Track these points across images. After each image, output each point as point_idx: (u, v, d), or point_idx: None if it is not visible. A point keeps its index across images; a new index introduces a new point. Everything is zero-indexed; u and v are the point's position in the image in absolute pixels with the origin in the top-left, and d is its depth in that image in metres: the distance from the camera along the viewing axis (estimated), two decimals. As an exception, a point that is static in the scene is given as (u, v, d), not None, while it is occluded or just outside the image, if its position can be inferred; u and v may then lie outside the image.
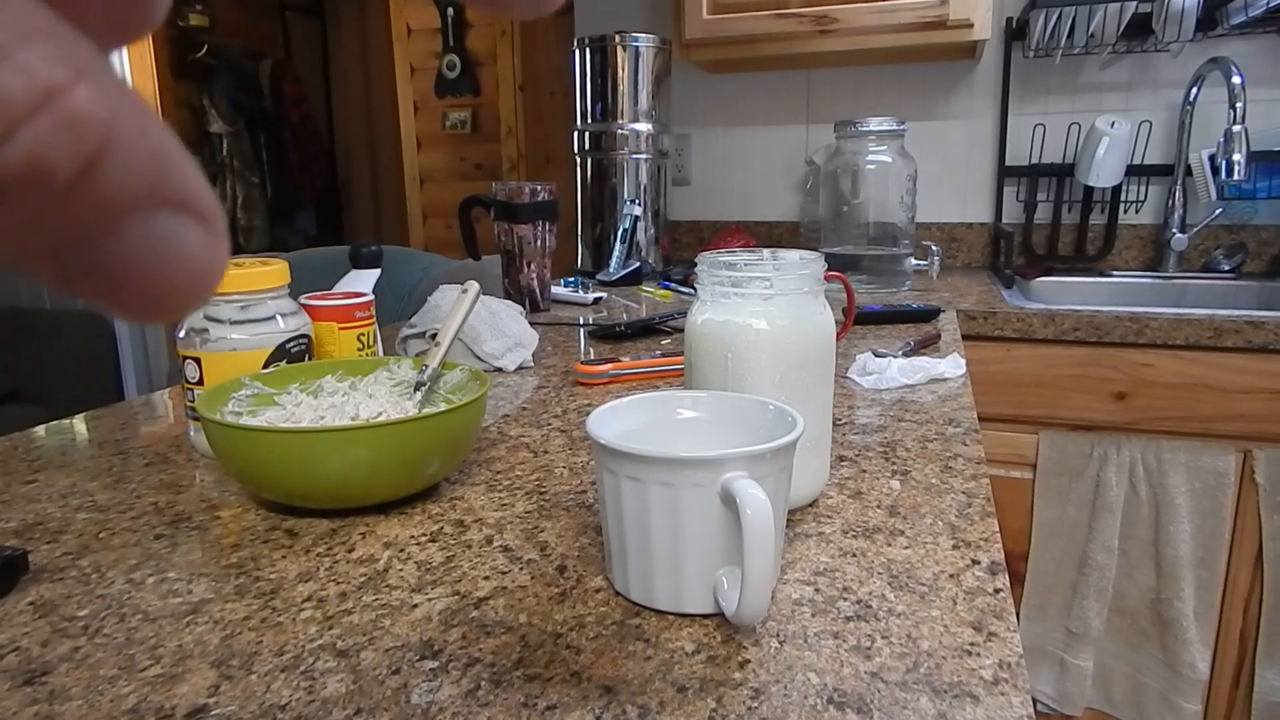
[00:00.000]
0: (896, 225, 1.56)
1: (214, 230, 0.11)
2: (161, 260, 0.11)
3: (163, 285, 0.11)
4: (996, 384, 1.35)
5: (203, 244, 0.11)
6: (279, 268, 0.66)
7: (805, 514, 0.52)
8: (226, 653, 0.38)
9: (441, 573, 0.46)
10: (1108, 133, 1.68)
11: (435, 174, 3.57)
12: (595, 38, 1.72)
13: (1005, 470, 1.34)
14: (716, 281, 0.51)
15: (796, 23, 1.61)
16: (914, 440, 0.67)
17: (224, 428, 0.51)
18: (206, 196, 0.11)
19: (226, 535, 0.51)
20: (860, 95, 1.93)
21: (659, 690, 0.35)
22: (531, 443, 0.68)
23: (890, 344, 0.99)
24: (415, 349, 0.92)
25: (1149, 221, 1.78)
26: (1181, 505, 1.24)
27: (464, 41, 3.38)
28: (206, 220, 0.11)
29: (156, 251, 0.11)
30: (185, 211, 0.11)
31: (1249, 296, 1.61)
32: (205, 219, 0.11)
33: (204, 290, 0.11)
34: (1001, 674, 0.35)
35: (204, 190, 0.11)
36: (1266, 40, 1.64)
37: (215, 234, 0.11)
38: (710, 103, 2.06)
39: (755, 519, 0.35)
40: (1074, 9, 1.57)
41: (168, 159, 0.11)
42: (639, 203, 1.75)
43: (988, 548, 0.47)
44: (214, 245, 0.11)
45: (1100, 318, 1.28)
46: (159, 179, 0.11)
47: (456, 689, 0.35)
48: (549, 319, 1.26)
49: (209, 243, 0.11)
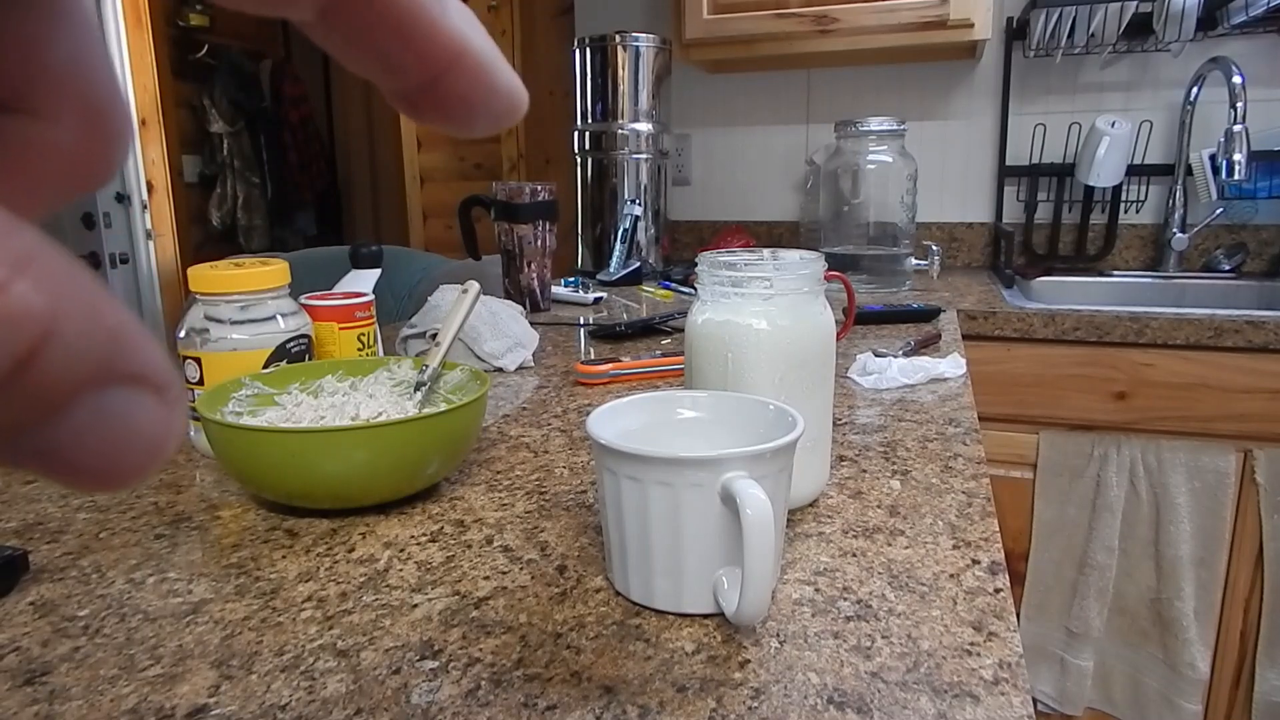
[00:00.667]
0: (897, 225, 1.56)
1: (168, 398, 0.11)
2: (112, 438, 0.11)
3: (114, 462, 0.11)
4: (997, 384, 1.35)
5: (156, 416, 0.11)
6: (279, 268, 0.66)
7: (805, 514, 0.52)
8: (227, 653, 0.38)
9: (442, 573, 0.46)
10: (1108, 132, 1.67)
11: (435, 174, 3.57)
12: (595, 38, 1.72)
13: (1005, 470, 1.34)
14: (717, 281, 0.51)
15: (797, 22, 1.61)
16: (914, 440, 0.66)
17: (224, 428, 0.51)
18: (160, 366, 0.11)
19: (227, 535, 0.51)
20: (860, 95, 1.93)
21: (659, 690, 0.35)
22: (532, 443, 0.68)
23: (890, 344, 0.99)
24: (415, 349, 0.92)
25: (1149, 221, 1.78)
26: (1182, 505, 1.24)
27: (464, 41, 3.38)
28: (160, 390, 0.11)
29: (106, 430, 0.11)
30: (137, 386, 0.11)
31: (1249, 296, 1.60)
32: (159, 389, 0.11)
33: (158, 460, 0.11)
34: (1002, 674, 0.35)
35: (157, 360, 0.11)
36: (1267, 40, 1.64)
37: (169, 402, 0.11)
38: (710, 103, 2.06)
39: (755, 519, 0.35)
40: (1074, 9, 1.57)
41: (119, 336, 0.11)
42: (639, 203, 1.75)
43: (988, 547, 0.47)
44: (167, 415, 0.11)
45: (1100, 317, 1.28)
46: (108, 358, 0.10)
47: (457, 689, 0.35)
48: (549, 319, 1.26)
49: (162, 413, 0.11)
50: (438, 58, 0.13)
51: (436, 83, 0.14)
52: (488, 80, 0.14)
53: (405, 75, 0.14)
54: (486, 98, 0.14)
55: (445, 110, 0.14)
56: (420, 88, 0.14)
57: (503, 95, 0.14)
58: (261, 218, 3.75)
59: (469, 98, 0.14)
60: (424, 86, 0.14)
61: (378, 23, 0.13)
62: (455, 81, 0.14)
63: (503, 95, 0.14)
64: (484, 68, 0.14)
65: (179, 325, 0.65)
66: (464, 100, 0.14)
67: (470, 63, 0.14)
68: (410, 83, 0.14)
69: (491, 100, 0.14)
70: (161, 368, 0.11)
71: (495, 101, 0.14)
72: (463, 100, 0.14)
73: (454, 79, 0.14)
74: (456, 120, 0.14)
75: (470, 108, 0.14)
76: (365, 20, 0.13)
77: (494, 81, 0.14)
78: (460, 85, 0.14)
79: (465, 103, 0.14)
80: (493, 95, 0.14)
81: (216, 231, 3.56)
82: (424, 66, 0.13)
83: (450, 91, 0.14)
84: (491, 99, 0.14)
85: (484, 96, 0.14)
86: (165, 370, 0.12)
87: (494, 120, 0.15)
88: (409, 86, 0.14)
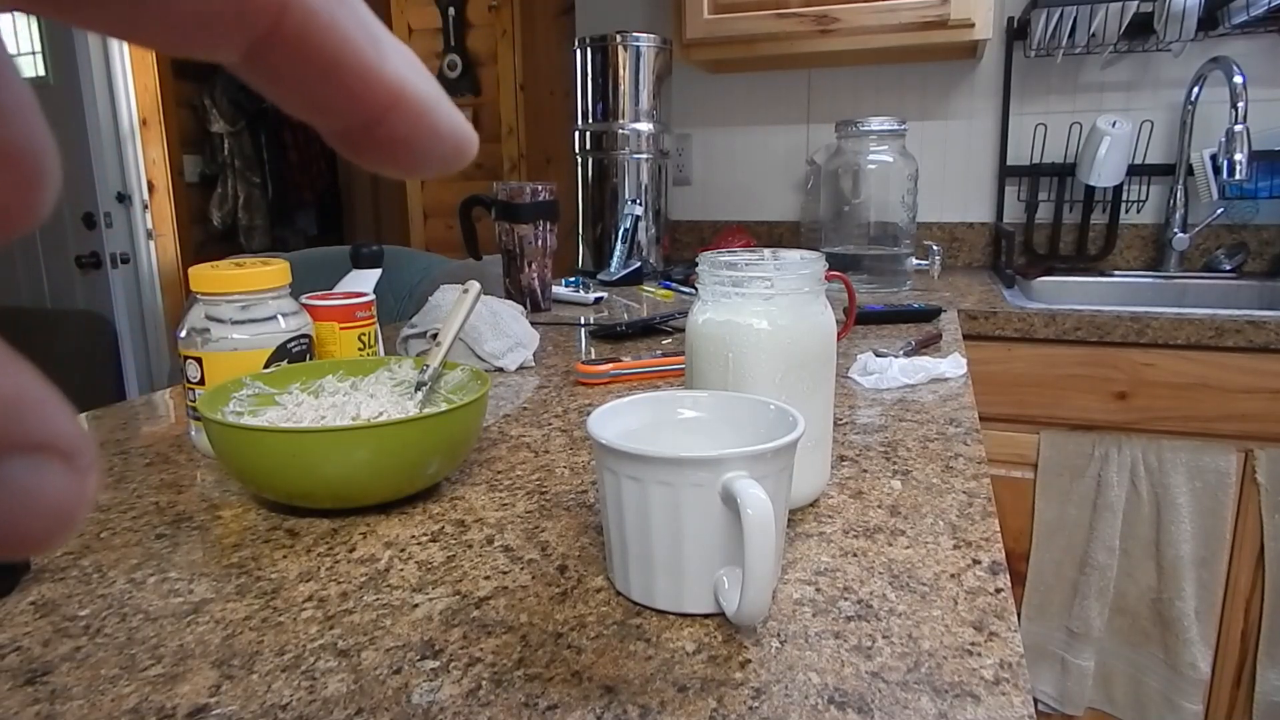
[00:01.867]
0: (897, 225, 1.56)
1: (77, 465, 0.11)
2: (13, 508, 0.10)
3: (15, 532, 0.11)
4: (997, 384, 1.35)
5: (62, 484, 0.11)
6: (280, 267, 0.66)
7: (806, 514, 0.52)
8: (227, 652, 0.38)
9: (442, 572, 0.46)
10: (1109, 132, 1.67)
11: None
12: (596, 38, 1.72)
13: (1006, 470, 1.34)
14: (717, 281, 0.51)
15: (797, 22, 1.61)
16: (915, 440, 0.66)
17: (225, 427, 0.51)
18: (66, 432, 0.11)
19: (227, 535, 0.51)
20: (861, 95, 1.93)
21: (660, 690, 0.35)
22: (532, 442, 0.68)
23: (891, 344, 0.99)
24: (416, 349, 0.92)
25: (1150, 221, 1.77)
26: (1183, 505, 1.24)
27: (465, 41, 3.38)
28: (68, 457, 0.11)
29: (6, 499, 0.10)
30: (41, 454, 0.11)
31: (1250, 296, 1.60)
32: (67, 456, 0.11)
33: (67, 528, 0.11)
34: (1002, 674, 0.35)
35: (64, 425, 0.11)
36: (1268, 40, 1.64)
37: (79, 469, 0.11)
38: (711, 102, 2.06)
39: (756, 519, 0.35)
40: (1075, 9, 1.57)
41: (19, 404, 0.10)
42: (640, 202, 1.75)
43: (989, 547, 0.47)
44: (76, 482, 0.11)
45: (1101, 317, 1.28)
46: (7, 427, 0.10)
47: (457, 689, 0.35)
48: (550, 319, 1.26)
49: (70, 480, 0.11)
50: (373, 102, 0.13)
51: (374, 126, 0.13)
52: (430, 123, 0.14)
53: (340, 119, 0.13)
54: (429, 141, 0.14)
55: (385, 154, 0.14)
56: (357, 131, 0.13)
57: (446, 138, 0.14)
58: (262, 217, 3.75)
59: (409, 141, 0.14)
60: (361, 130, 0.13)
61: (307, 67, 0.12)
62: (394, 125, 0.13)
63: (446, 138, 0.14)
64: (424, 112, 0.14)
65: (180, 325, 0.65)
66: (404, 144, 0.14)
67: (409, 107, 0.13)
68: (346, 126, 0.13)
69: (434, 144, 0.14)
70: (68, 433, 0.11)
71: (438, 145, 0.14)
72: (403, 144, 0.14)
73: (393, 123, 0.13)
74: (398, 164, 0.14)
75: (411, 151, 0.14)
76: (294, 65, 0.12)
77: (436, 125, 0.14)
78: (400, 129, 0.13)
79: (406, 146, 0.14)
80: (435, 139, 0.14)
81: (217, 231, 3.56)
82: (359, 111, 0.13)
83: (389, 135, 0.13)
84: (434, 142, 0.14)
85: (426, 140, 0.14)
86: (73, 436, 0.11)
87: (439, 163, 0.14)
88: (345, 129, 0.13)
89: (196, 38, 0.12)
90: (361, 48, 0.13)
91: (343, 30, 0.12)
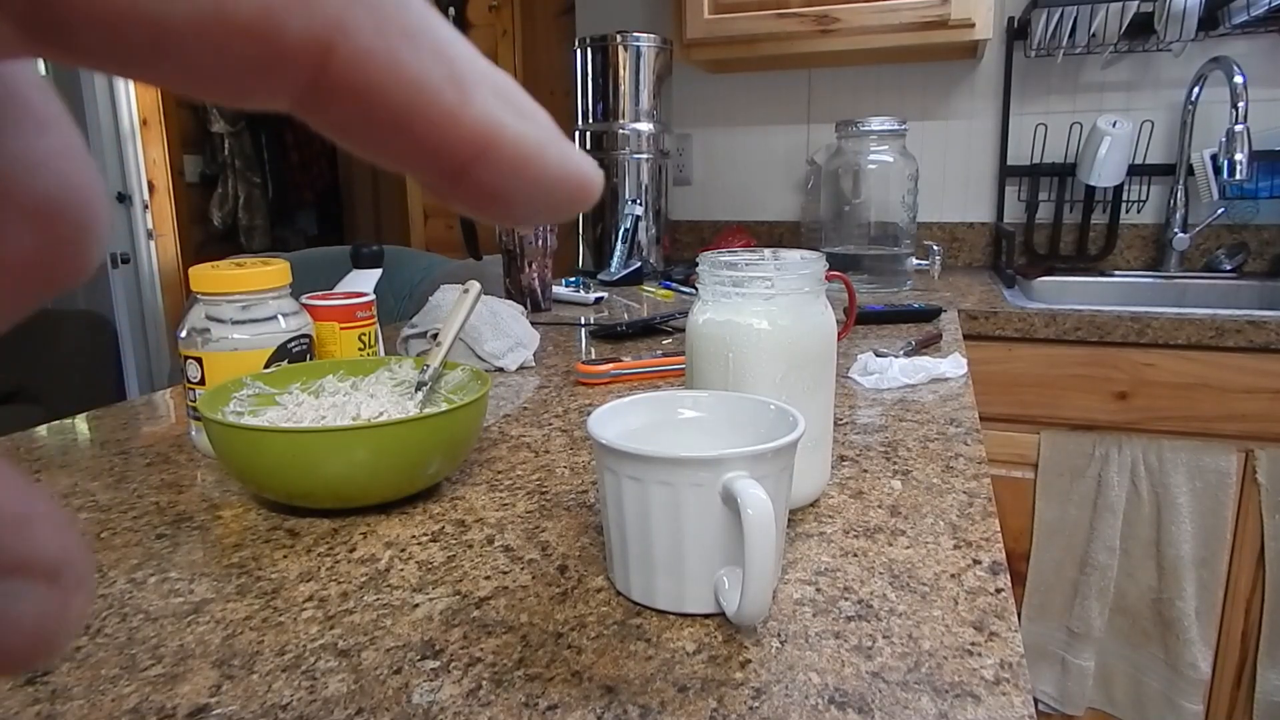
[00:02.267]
0: (898, 225, 1.56)
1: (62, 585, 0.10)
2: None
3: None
4: (998, 384, 1.34)
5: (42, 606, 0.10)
6: (280, 267, 0.66)
7: (806, 514, 0.52)
8: (228, 652, 0.38)
9: (443, 572, 0.46)
10: (1109, 132, 1.67)
11: (436, 174, 3.57)
12: (596, 38, 1.72)
13: (1007, 470, 1.34)
14: (718, 281, 0.51)
15: (798, 22, 1.61)
16: (915, 440, 0.66)
17: (225, 427, 0.51)
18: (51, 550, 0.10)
19: (228, 535, 0.51)
20: (861, 95, 1.93)
21: (660, 690, 0.35)
22: (532, 443, 0.68)
23: (891, 344, 0.99)
24: (416, 349, 0.92)
25: (1150, 221, 1.77)
26: (1183, 505, 1.24)
27: (465, 41, 3.38)
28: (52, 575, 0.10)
29: None
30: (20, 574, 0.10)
31: (1250, 296, 1.60)
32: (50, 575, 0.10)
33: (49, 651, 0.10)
34: (1003, 674, 0.35)
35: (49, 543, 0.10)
36: (1268, 40, 1.63)
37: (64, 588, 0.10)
38: (711, 102, 2.06)
39: (756, 519, 0.35)
40: (1075, 8, 1.57)
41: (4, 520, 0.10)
42: (640, 202, 1.75)
43: (989, 547, 0.47)
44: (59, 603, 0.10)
45: (1102, 317, 1.28)
46: None
47: (458, 689, 0.35)
48: (550, 319, 1.26)
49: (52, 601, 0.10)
50: (454, 152, 0.11)
51: (460, 177, 0.11)
52: (532, 171, 0.12)
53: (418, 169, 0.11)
54: (529, 191, 0.12)
55: (476, 204, 0.12)
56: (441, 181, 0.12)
57: (555, 185, 0.12)
58: (263, 217, 3.76)
59: (503, 192, 0.12)
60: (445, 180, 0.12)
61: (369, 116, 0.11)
62: (483, 175, 0.11)
63: (555, 185, 0.12)
64: (522, 158, 0.11)
65: (180, 325, 0.65)
66: (496, 195, 0.12)
67: (502, 154, 0.11)
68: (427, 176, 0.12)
69: (536, 192, 0.12)
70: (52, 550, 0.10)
71: (541, 193, 0.12)
72: (494, 195, 0.12)
73: (480, 173, 0.11)
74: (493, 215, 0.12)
75: (507, 203, 0.12)
76: (352, 114, 0.10)
77: (540, 172, 0.12)
78: (489, 179, 0.11)
79: (499, 198, 0.12)
80: (537, 187, 0.12)
81: (218, 231, 3.56)
82: (438, 162, 0.11)
83: (478, 186, 0.12)
84: (536, 191, 0.12)
85: (525, 190, 0.12)
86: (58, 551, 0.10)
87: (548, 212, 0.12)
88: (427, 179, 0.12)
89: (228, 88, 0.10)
90: (435, 89, 0.11)
91: (409, 71, 0.10)
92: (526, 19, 3.09)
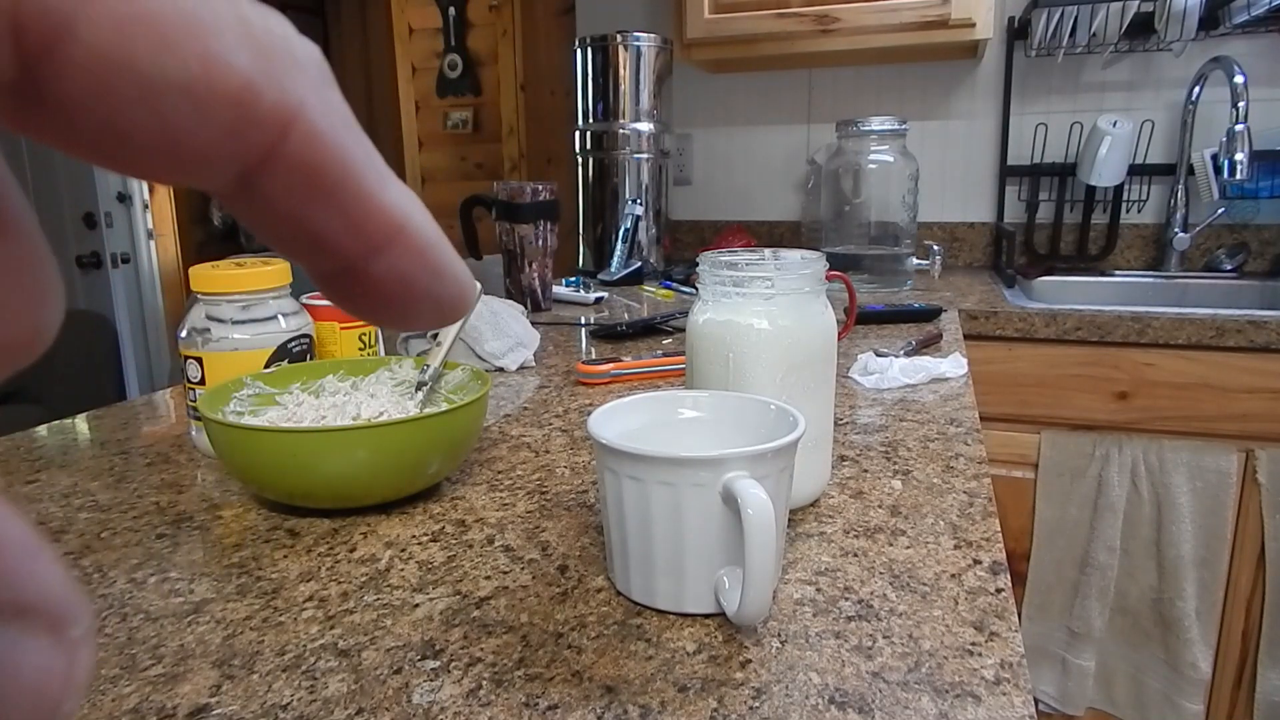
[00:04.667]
0: (898, 225, 1.56)
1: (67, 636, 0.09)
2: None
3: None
4: (998, 383, 1.34)
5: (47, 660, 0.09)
6: (280, 267, 0.66)
7: (806, 514, 0.52)
8: (228, 652, 0.38)
9: (443, 572, 0.46)
10: (1110, 132, 1.67)
11: (436, 173, 3.57)
12: (597, 37, 1.72)
13: (1007, 470, 1.34)
14: (718, 281, 0.51)
15: (798, 22, 1.61)
16: (915, 440, 0.66)
17: (226, 427, 0.51)
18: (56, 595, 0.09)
19: (228, 535, 0.51)
20: (861, 95, 1.93)
21: (660, 690, 0.35)
22: (533, 442, 0.68)
23: (892, 344, 0.99)
24: (417, 349, 0.92)
25: (1151, 221, 1.77)
26: (1183, 505, 1.24)
27: (465, 41, 3.38)
28: (56, 627, 0.09)
29: None
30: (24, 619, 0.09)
31: (1251, 296, 1.60)
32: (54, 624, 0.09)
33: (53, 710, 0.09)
34: (1003, 674, 0.35)
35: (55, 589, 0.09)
36: (1269, 39, 1.63)
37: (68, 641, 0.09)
38: (712, 102, 2.06)
39: (756, 518, 0.35)
40: (1076, 8, 1.57)
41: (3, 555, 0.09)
42: (640, 202, 1.74)
43: (989, 547, 0.47)
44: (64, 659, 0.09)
45: (1102, 317, 1.28)
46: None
47: (458, 689, 0.35)
48: (550, 319, 1.26)
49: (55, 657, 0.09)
50: (375, 231, 0.12)
51: (373, 260, 0.12)
52: (433, 261, 0.12)
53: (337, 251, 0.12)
54: (430, 280, 0.13)
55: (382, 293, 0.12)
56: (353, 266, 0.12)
57: (448, 281, 0.13)
58: (263, 217, 3.75)
59: (410, 278, 0.12)
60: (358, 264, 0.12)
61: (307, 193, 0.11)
62: (396, 259, 0.12)
63: (448, 281, 0.13)
64: (428, 247, 0.12)
65: (181, 325, 0.65)
66: (404, 281, 0.12)
67: (412, 240, 0.12)
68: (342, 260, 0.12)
69: (434, 284, 0.13)
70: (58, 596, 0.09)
71: (438, 286, 0.13)
72: (403, 281, 0.12)
73: (394, 256, 0.12)
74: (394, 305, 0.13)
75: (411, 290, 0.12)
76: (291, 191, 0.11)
77: (439, 263, 0.13)
78: (401, 264, 0.12)
79: (406, 284, 0.12)
80: (437, 278, 0.13)
81: (218, 231, 3.56)
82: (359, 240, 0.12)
83: (389, 271, 0.12)
84: (434, 283, 0.13)
85: (426, 279, 0.13)
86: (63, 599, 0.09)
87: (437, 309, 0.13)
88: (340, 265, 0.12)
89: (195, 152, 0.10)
90: (365, 171, 0.12)
91: (348, 151, 0.11)
92: (526, 19, 3.09)
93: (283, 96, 0.11)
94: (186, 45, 0.10)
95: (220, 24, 0.10)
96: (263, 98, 0.10)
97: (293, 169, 0.11)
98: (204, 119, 0.10)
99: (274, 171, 0.11)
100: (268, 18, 0.11)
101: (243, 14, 0.10)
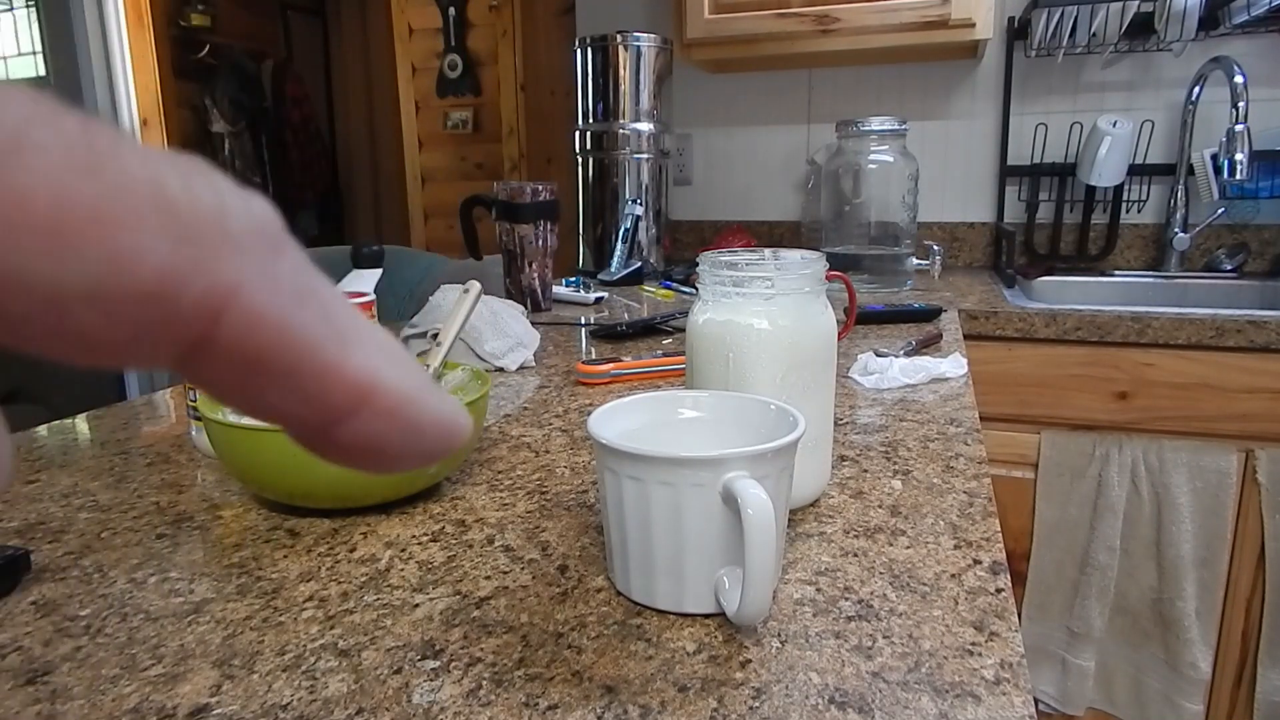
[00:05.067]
0: (898, 225, 1.56)
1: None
2: None
3: None
4: (998, 384, 1.34)
5: None
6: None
7: (806, 514, 0.52)
8: (228, 652, 0.38)
9: (443, 572, 0.46)
10: (1110, 132, 1.67)
11: (436, 174, 3.57)
12: (597, 37, 1.72)
13: (1007, 470, 1.34)
14: (718, 281, 0.51)
15: (798, 22, 1.61)
16: (915, 440, 0.66)
17: (226, 427, 0.51)
18: None
19: (228, 535, 0.51)
20: (861, 95, 1.93)
21: (660, 690, 0.35)
22: (533, 442, 0.68)
23: (892, 344, 0.99)
24: (417, 349, 0.92)
25: (1151, 221, 1.77)
26: (1183, 505, 1.24)
27: (465, 41, 3.38)
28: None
29: None
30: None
31: (1251, 296, 1.60)
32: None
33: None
34: (1003, 674, 0.35)
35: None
36: (1269, 39, 1.63)
37: None
38: (711, 102, 2.06)
39: (756, 518, 0.35)
40: (1076, 8, 1.57)
41: None
42: (640, 202, 1.74)
43: (989, 547, 0.47)
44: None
45: (1102, 317, 1.28)
46: None
47: (458, 689, 0.35)
48: (550, 319, 1.26)
49: None
50: (336, 402, 0.11)
51: (336, 428, 0.12)
52: (406, 420, 0.12)
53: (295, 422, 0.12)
54: (404, 438, 0.12)
55: (352, 455, 0.12)
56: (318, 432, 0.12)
57: (427, 433, 0.13)
58: (263, 217, 3.75)
59: (381, 440, 0.12)
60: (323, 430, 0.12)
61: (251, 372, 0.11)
62: (363, 424, 0.12)
63: (427, 433, 0.13)
64: (400, 406, 0.12)
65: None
66: (375, 443, 0.12)
67: (382, 401, 0.12)
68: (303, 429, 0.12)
69: (410, 441, 0.12)
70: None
71: (415, 441, 0.12)
72: (372, 443, 0.12)
73: (361, 422, 0.12)
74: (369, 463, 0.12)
75: (384, 451, 0.12)
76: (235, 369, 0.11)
77: (414, 420, 0.12)
78: (370, 427, 0.12)
79: (376, 446, 0.12)
80: (413, 434, 0.12)
81: (218, 231, 3.56)
82: (318, 413, 0.11)
83: (356, 436, 0.12)
84: (411, 439, 0.12)
85: (401, 438, 0.12)
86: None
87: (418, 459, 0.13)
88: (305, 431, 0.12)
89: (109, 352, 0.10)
90: (319, 345, 0.11)
91: (296, 330, 0.11)
92: (526, 19, 3.09)
93: (212, 282, 0.10)
94: (89, 247, 0.09)
95: (132, 211, 0.09)
96: (186, 288, 0.10)
97: (231, 354, 0.10)
98: (113, 322, 0.09)
99: (211, 357, 0.10)
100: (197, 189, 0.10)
101: (163, 192, 0.09)
